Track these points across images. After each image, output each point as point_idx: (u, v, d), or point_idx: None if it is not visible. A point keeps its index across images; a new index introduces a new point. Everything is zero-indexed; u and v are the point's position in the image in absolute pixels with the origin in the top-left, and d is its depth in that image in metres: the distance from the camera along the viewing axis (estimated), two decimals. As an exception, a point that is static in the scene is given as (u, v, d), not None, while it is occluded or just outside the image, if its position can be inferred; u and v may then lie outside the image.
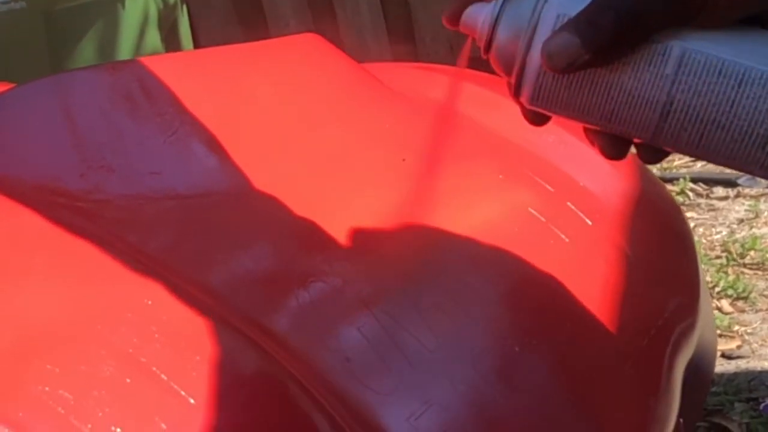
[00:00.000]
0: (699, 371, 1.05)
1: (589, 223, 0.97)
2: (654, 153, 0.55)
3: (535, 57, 0.54)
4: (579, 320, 0.87)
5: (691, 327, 0.98)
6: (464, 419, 0.72)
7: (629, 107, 0.53)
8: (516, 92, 0.56)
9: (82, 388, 0.54)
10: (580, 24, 0.52)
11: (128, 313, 0.59)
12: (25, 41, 1.97)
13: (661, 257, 1.01)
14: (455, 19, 0.58)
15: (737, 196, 2.43)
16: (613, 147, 0.56)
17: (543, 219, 0.93)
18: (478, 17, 0.56)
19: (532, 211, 0.93)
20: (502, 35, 0.55)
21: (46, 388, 0.53)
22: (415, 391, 0.71)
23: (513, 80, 0.55)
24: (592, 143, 0.57)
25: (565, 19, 0.53)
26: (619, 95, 0.52)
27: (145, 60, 0.76)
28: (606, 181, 1.04)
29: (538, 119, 0.58)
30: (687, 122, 0.52)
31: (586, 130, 0.57)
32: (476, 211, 0.89)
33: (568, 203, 0.98)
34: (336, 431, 0.63)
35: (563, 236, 0.93)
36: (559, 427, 0.78)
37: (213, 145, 0.80)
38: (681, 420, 0.95)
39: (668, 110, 0.52)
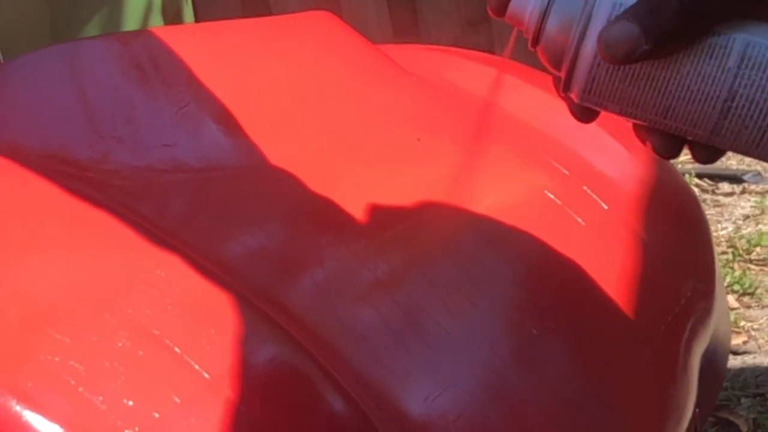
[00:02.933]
0: (714, 361, 1.03)
1: (605, 207, 0.95)
2: (709, 152, 0.53)
3: (589, 48, 0.51)
4: (596, 305, 0.85)
5: (707, 313, 0.96)
6: (482, 401, 0.70)
7: (687, 102, 0.50)
8: (566, 87, 0.53)
9: (94, 359, 0.52)
10: (640, 12, 0.49)
11: (141, 284, 0.57)
12: (28, 28, 1.95)
13: (677, 243, 0.99)
14: (501, 8, 0.55)
15: (743, 192, 2.42)
16: (667, 145, 0.54)
17: (559, 202, 0.91)
18: (526, 7, 0.53)
19: (549, 194, 0.91)
20: (552, 26, 0.53)
21: (56, 359, 0.51)
22: (432, 373, 0.69)
23: (563, 74, 0.53)
24: (644, 141, 0.55)
25: (622, 8, 0.50)
26: (677, 90, 0.50)
27: (155, 31, 0.74)
28: (622, 166, 1.02)
29: (586, 115, 0.57)
30: (749, 119, 0.49)
31: (637, 127, 0.55)
32: (493, 192, 0.87)
33: (584, 187, 0.96)
34: (352, 410, 0.61)
35: (579, 220, 0.91)
36: (578, 412, 0.76)
37: (225, 119, 0.78)
38: (697, 410, 0.93)
39: (729, 106, 0.49)
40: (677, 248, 0.98)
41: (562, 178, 0.95)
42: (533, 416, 0.73)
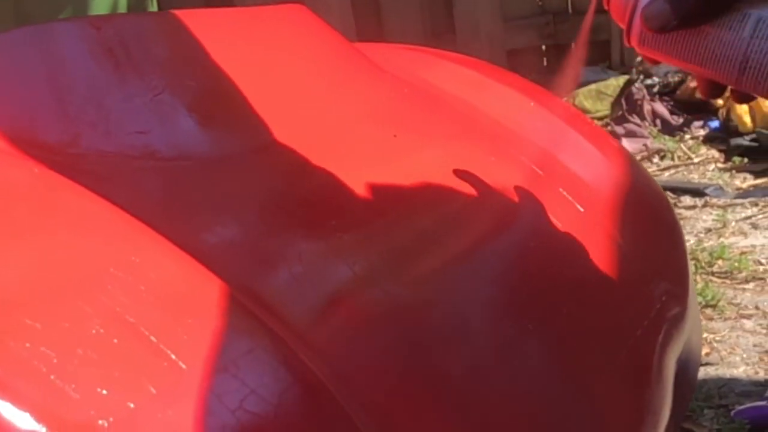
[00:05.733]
0: (686, 369, 1.02)
1: (581, 210, 0.94)
2: (743, 95, 0.64)
3: (640, 13, 0.63)
4: (573, 308, 0.84)
5: (681, 317, 0.95)
6: (461, 400, 0.69)
7: (714, 62, 0.61)
8: (626, 39, 0.65)
9: (66, 346, 0.49)
10: None
11: (115, 270, 0.55)
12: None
13: (651, 247, 0.99)
14: None
15: (705, 205, 2.43)
16: (709, 88, 0.65)
17: (536, 203, 0.90)
18: None
19: (526, 195, 0.90)
20: None
21: (27, 345, 0.48)
22: (410, 370, 0.67)
23: (625, 28, 0.65)
24: (697, 83, 0.66)
25: None
26: (704, 52, 0.61)
27: (128, 16, 0.72)
28: (596, 169, 1.02)
29: (649, 59, 0.67)
30: (761, 77, 0.60)
31: (688, 70, 0.66)
32: (469, 191, 0.85)
33: (560, 189, 0.95)
34: (329, 402, 0.59)
35: (556, 221, 0.90)
36: (556, 412, 0.74)
37: (198, 108, 0.75)
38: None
39: (745, 66, 0.60)
40: (651, 251, 0.97)
41: (538, 179, 0.93)
42: (512, 416, 0.71)
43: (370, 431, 0.59)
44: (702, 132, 2.88)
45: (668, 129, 2.90)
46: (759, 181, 2.53)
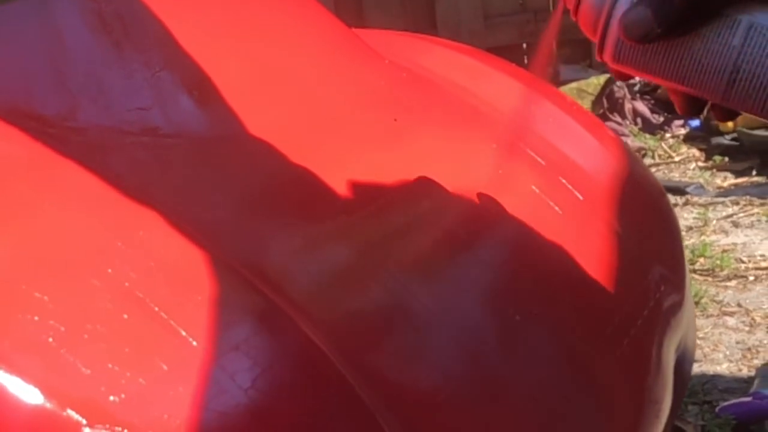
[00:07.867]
0: (684, 359, 1.01)
1: (581, 198, 0.93)
2: (726, 112, 0.58)
3: (615, 23, 0.56)
4: (574, 295, 0.83)
5: (679, 305, 0.94)
6: (467, 384, 0.68)
7: (699, 74, 0.55)
8: (599, 52, 0.59)
9: (75, 320, 0.48)
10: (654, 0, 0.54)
11: (122, 245, 0.53)
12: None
13: (649, 236, 0.98)
14: None
15: (686, 204, 2.43)
16: (689, 105, 0.59)
17: (537, 191, 0.89)
18: None
19: (527, 182, 0.89)
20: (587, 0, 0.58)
21: (35, 318, 0.46)
22: (416, 355, 0.66)
23: (597, 41, 0.59)
24: (673, 99, 0.60)
25: None
26: (689, 63, 0.55)
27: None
28: (595, 158, 1.01)
29: (621, 76, 0.61)
30: (752, 90, 0.54)
31: (666, 86, 0.59)
32: (473, 177, 0.84)
33: (560, 177, 0.94)
34: (339, 382, 0.57)
35: (557, 209, 0.89)
36: (560, 397, 0.73)
37: (197, 87, 0.74)
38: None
39: (734, 78, 0.54)
40: (649, 241, 0.97)
41: (539, 167, 0.92)
42: (517, 399, 0.70)
43: (378, 409, 0.58)
44: (683, 131, 2.89)
45: (649, 128, 2.91)
46: (740, 180, 2.53)
